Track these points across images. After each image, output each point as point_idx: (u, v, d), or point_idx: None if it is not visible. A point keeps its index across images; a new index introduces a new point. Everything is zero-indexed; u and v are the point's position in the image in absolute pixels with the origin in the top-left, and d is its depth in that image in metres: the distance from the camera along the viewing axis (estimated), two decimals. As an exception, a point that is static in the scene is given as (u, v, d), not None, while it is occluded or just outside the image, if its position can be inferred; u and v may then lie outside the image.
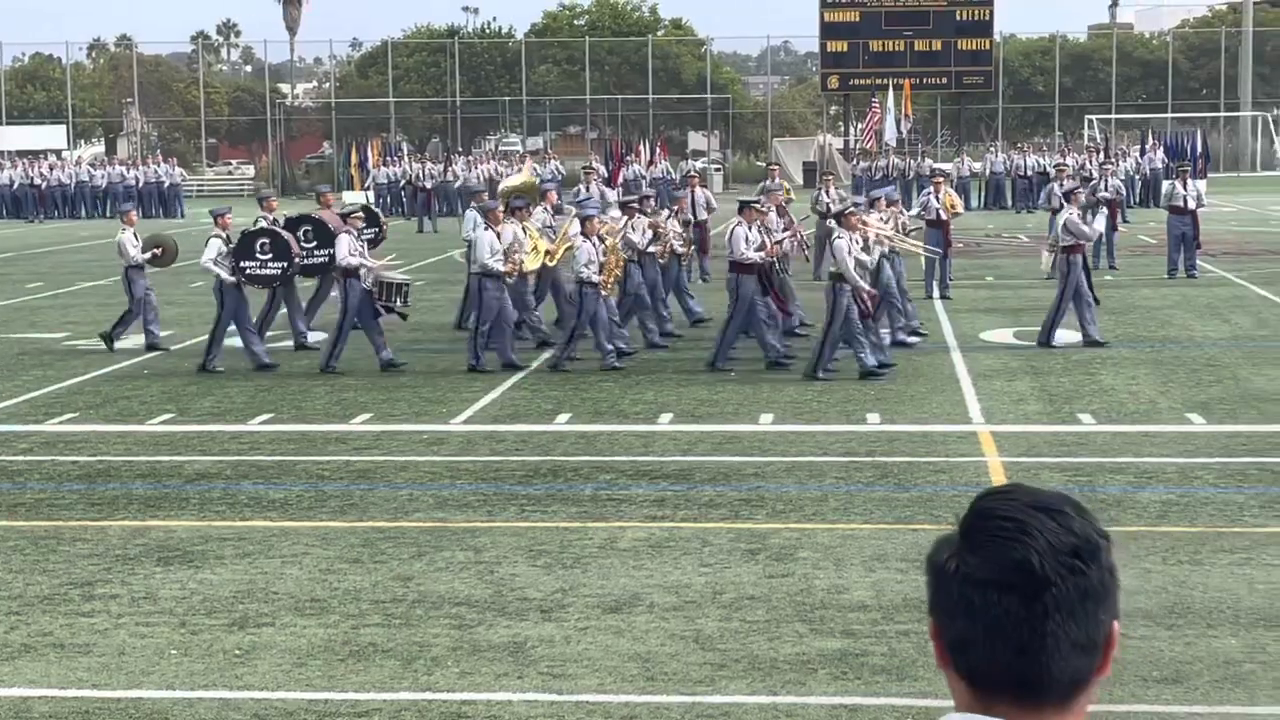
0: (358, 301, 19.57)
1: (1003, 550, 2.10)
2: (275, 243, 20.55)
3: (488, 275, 19.44)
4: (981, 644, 2.11)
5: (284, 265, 20.54)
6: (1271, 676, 8.47)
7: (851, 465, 13.99)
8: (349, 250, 19.66)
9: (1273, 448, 14.37)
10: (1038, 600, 2.09)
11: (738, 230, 19.36)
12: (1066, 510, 2.13)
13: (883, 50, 68.10)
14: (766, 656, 8.97)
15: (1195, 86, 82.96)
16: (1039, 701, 2.11)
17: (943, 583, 2.15)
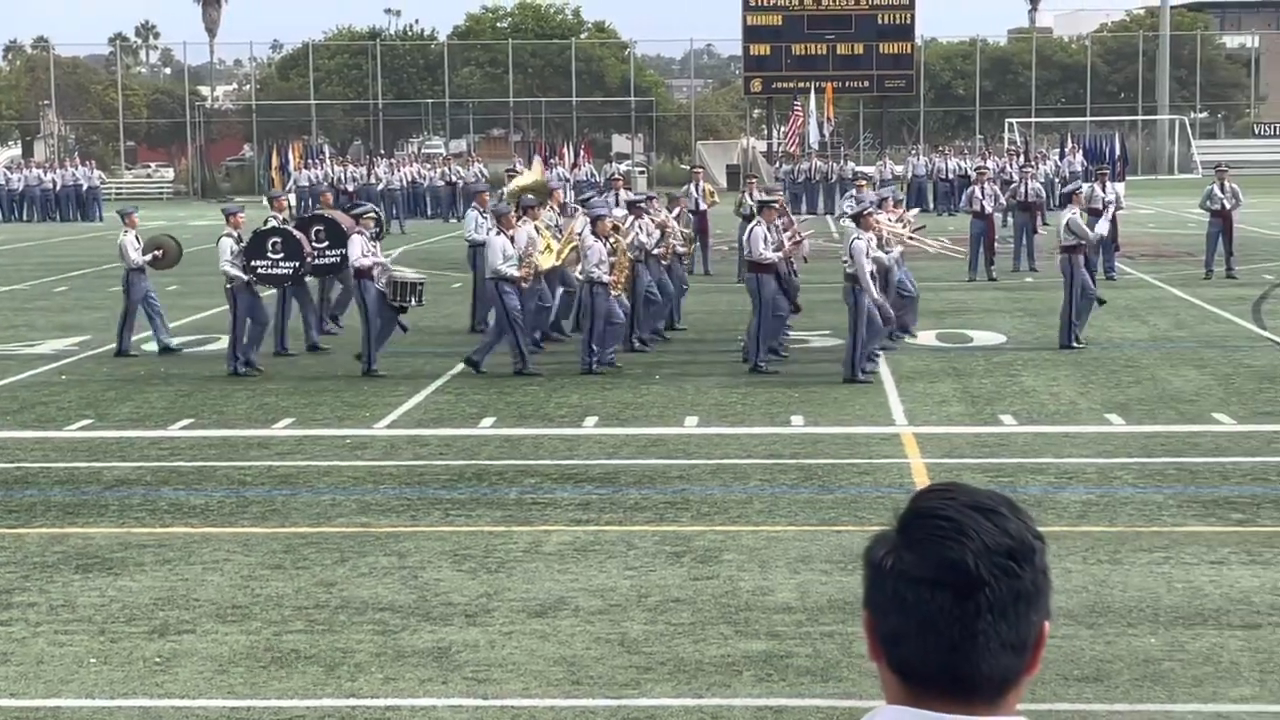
0: (376, 302, 19.41)
1: (939, 549, 2.13)
2: (287, 242, 20.32)
3: (503, 279, 19.30)
4: (914, 640, 2.14)
5: (296, 265, 20.33)
6: (1190, 675, 8.56)
7: (776, 468, 14.03)
8: (362, 251, 19.52)
9: (1190, 447, 14.53)
10: (971, 599, 2.11)
11: (757, 230, 19.26)
12: (1003, 511, 2.15)
13: (805, 54, 68.40)
14: (692, 659, 8.98)
15: (1113, 90, 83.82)
16: (969, 698, 2.13)
17: (878, 578, 2.18)
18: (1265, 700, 8.18)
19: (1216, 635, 9.19)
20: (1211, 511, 12.15)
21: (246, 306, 19.77)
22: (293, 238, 20.39)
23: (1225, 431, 15.26)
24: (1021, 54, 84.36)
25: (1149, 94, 78.98)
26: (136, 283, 21.44)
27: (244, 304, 19.76)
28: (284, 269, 20.26)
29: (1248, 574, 10.42)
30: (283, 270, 20.27)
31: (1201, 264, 29.31)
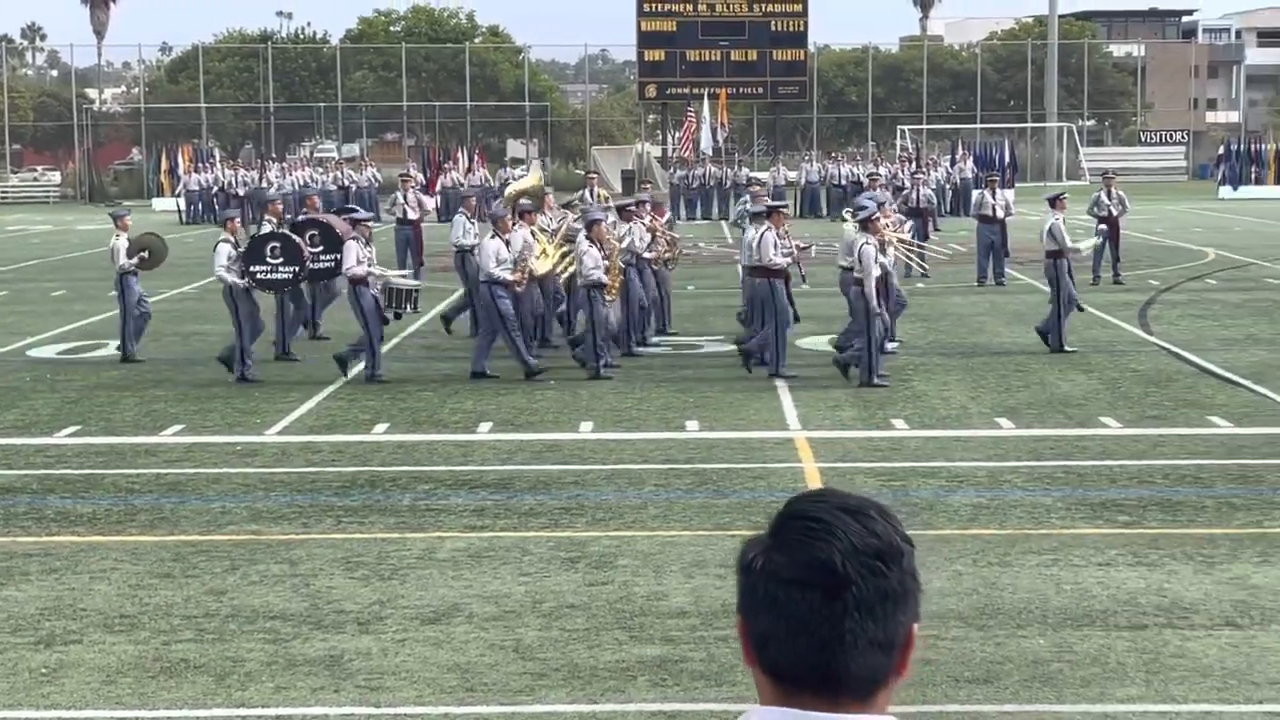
0: (372, 307, 19.25)
1: (808, 549, 2.16)
2: (286, 247, 20.04)
3: (497, 283, 19.18)
4: (784, 639, 2.17)
5: (295, 269, 20.07)
6: (1079, 675, 8.66)
7: (671, 472, 14.05)
8: (357, 258, 19.33)
9: (1079, 451, 14.72)
10: (838, 598, 2.15)
11: (767, 235, 19.12)
12: (871, 514, 2.20)
13: (699, 60, 68.58)
14: (586, 664, 8.96)
15: (1003, 98, 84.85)
16: (837, 696, 2.17)
17: (750, 580, 2.22)
18: (1151, 700, 8.29)
19: (1104, 636, 9.31)
20: (1099, 514, 12.31)
21: (247, 313, 19.55)
22: (292, 242, 20.14)
23: (1112, 435, 15.48)
24: (913, 61, 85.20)
25: (1038, 101, 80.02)
26: (130, 286, 21.16)
27: (244, 310, 19.54)
28: (283, 274, 20.02)
29: (1134, 575, 10.57)
30: (282, 275, 20.03)
31: (1089, 270, 29.70)
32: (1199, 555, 11.03)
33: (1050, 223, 21.09)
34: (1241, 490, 13.06)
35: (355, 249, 19.37)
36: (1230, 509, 12.42)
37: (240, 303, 19.52)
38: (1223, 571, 10.64)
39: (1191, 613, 9.74)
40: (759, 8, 69.07)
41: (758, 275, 19.26)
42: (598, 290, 19.18)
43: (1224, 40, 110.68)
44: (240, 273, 19.58)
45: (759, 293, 19.30)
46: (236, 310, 19.49)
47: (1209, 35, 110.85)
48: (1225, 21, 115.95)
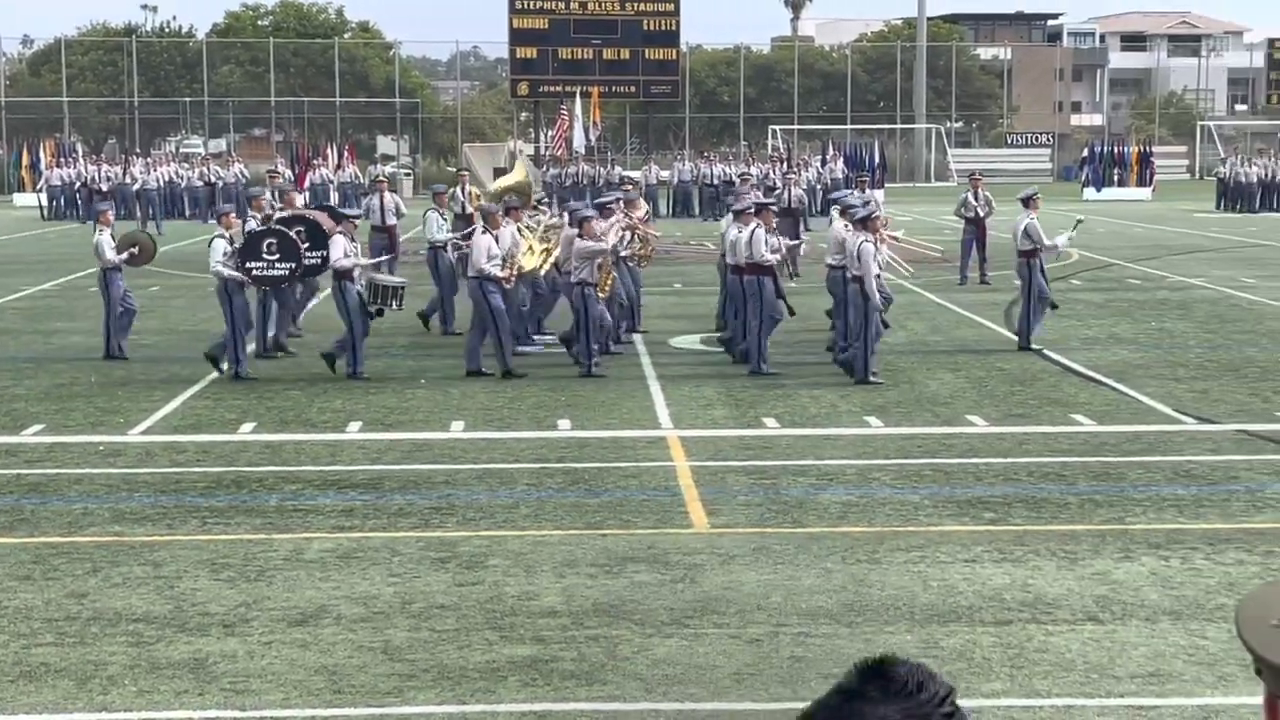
0: (356, 303, 19.10)
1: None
2: (283, 243, 19.71)
3: (487, 279, 19.03)
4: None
5: (292, 265, 19.73)
6: (945, 670, 8.72)
7: (543, 471, 14.01)
8: (344, 252, 19.12)
9: (946, 449, 14.89)
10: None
11: (758, 233, 19.11)
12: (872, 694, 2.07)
13: (572, 58, 68.57)
14: (456, 665, 8.91)
15: (873, 99, 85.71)
16: None
17: None
18: (1015, 694, 8.40)
19: (969, 632, 9.42)
20: (965, 511, 12.46)
21: (241, 309, 19.31)
22: (289, 238, 19.82)
23: (978, 433, 15.67)
24: (784, 62, 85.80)
25: (907, 103, 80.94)
26: (114, 281, 20.82)
27: (239, 306, 19.28)
28: (280, 270, 19.72)
29: (999, 572, 10.70)
30: (279, 271, 19.73)
31: (956, 270, 30.07)
32: (1062, 551, 11.20)
33: (1025, 222, 21.27)
34: (1103, 487, 13.28)
35: (343, 243, 19.32)
36: (1093, 506, 12.62)
37: (235, 299, 19.32)
38: (1085, 567, 10.80)
39: (1055, 608, 9.88)
40: (631, 6, 69.20)
41: (747, 272, 19.31)
42: (591, 288, 19.17)
43: (1088, 44, 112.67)
44: (236, 269, 19.36)
45: (747, 289, 19.33)
46: (231, 306, 19.28)
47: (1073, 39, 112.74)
48: (1089, 25, 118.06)
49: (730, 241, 19.80)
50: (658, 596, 10.16)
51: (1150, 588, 10.31)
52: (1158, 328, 23.39)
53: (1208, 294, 26.54)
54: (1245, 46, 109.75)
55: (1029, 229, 21.18)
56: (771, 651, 9.07)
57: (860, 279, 18.39)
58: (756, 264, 19.10)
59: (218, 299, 19.66)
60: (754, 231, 19.11)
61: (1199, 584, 10.39)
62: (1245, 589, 9.92)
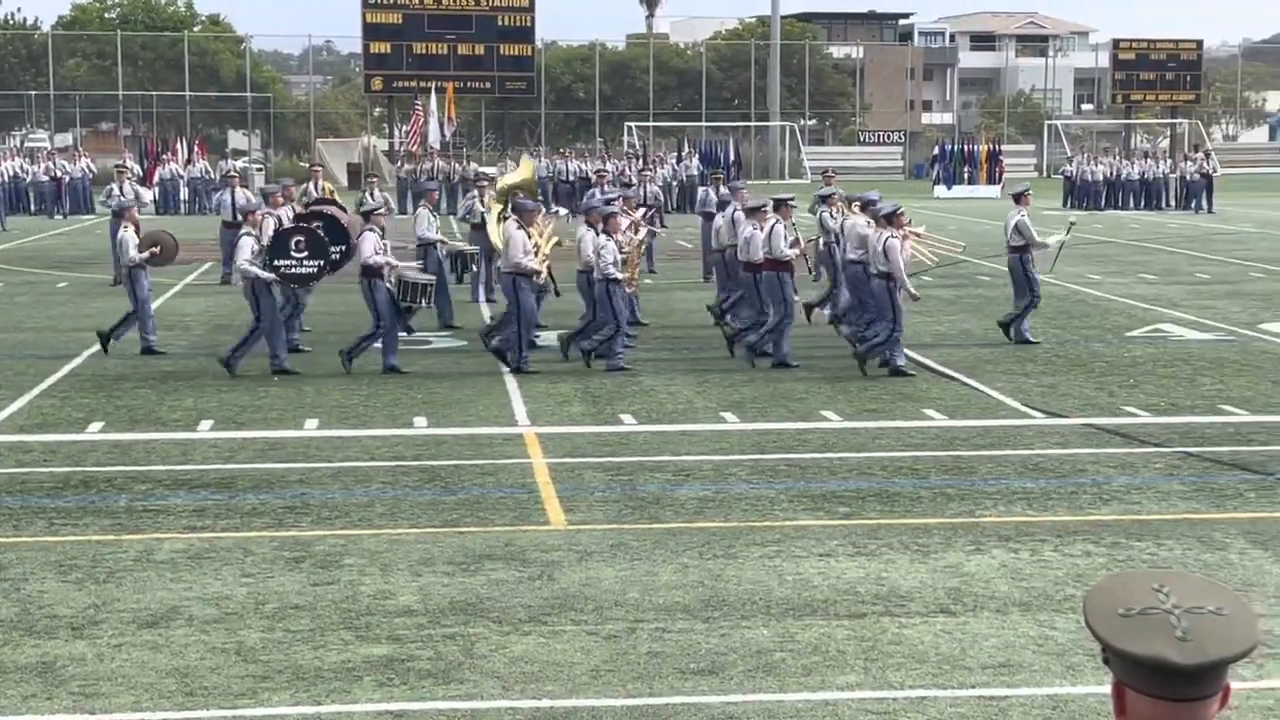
0: (386, 299, 18.99)
1: None
2: (311, 240, 19.42)
3: (521, 274, 18.97)
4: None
5: (321, 263, 19.48)
6: (800, 664, 8.82)
7: (399, 469, 13.91)
8: (374, 249, 18.87)
9: (801, 444, 15.01)
10: None
11: (778, 229, 19.37)
12: None
13: (426, 53, 68.21)
14: (311, 666, 8.81)
15: (728, 96, 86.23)
16: None
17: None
18: (869, 687, 8.49)
19: (824, 625, 9.51)
20: (820, 505, 12.57)
21: (269, 309, 19.04)
22: (317, 235, 19.57)
23: (832, 428, 15.82)
24: (639, 59, 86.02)
25: (761, 101, 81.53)
26: (140, 280, 20.46)
27: (266, 307, 19.00)
28: (309, 268, 19.46)
29: (853, 565, 10.81)
30: (307, 269, 19.46)
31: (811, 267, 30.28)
32: (915, 545, 11.35)
33: (1016, 218, 21.47)
34: (955, 481, 13.47)
35: (372, 239, 19.10)
36: (944, 499, 12.80)
37: (263, 299, 19.06)
38: (937, 560, 10.95)
39: (908, 600, 10.00)
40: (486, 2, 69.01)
41: (766, 268, 19.51)
42: (615, 284, 19.21)
43: (938, 44, 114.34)
44: (264, 266, 19.09)
45: (766, 284, 19.52)
46: (258, 305, 19.04)
47: (924, 39, 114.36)
48: (939, 25, 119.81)
49: (745, 238, 20.01)
50: (515, 594, 10.14)
51: (1000, 580, 10.47)
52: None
53: (1055, 290, 27.01)
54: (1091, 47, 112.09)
55: (1019, 225, 21.47)
56: (629, 647, 9.08)
57: (887, 274, 18.72)
58: (775, 259, 19.44)
59: (245, 298, 19.52)
60: (773, 227, 19.47)
61: (1048, 575, 10.58)
62: (1092, 580, 10.13)
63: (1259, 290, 28.32)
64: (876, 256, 18.94)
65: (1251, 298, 27.07)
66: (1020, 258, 21.46)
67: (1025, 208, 21.73)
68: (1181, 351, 20.79)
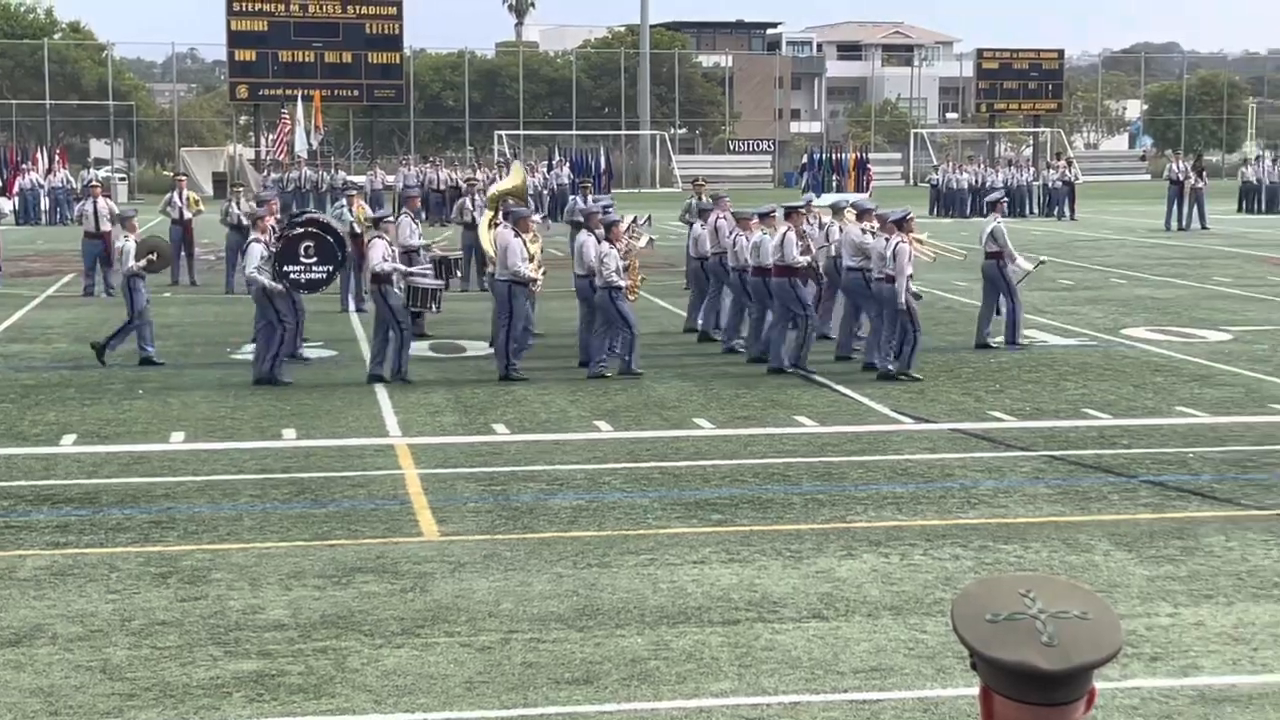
0: (399, 306, 19.03)
1: None
2: (320, 246, 19.17)
3: (517, 282, 19.06)
4: None
5: (329, 269, 19.31)
6: (675, 672, 8.84)
7: (268, 482, 13.75)
8: (383, 256, 18.74)
9: (674, 452, 15.05)
10: None
11: (789, 236, 19.56)
12: None
13: (293, 61, 67.60)
14: (179, 683, 8.67)
15: (598, 105, 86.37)
16: None
17: None
18: (743, 693, 8.52)
19: (699, 632, 9.53)
20: (693, 513, 12.61)
21: (286, 311, 18.86)
22: (326, 241, 19.35)
23: (705, 436, 15.88)
24: (509, 67, 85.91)
25: (632, 109, 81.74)
26: (139, 288, 20.21)
27: (282, 308, 18.80)
28: (318, 274, 19.27)
29: (727, 572, 10.85)
30: (316, 275, 19.27)
31: (681, 274, 30.42)
32: (787, 551, 11.41)
33: (991, 226, 21.85)
34: (826, 487, 13.57)
35: (381, 247, 19.02)
36: (816, 505, 12.89)
37: (276, 302, 18.86)
38: (809, 566, 11.02)
39: (781, 606, 10.05)
40: (353, 9, 68.55)
41: (776, 274, 19.66)
42: (618, 290, 19.25)
43: (806, 53, 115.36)
44: (273, 274, 18.88)
45: (777, 290, 19.68)
46: (275, 310, 18.84)
47: (792, 48, 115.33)
48: (807, 35, 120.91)
49: (754, 243, 20.21)
50: (387, 606, 10.05)
51: (872, 584, 10.56)
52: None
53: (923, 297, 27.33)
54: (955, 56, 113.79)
55: (995, 232, 21.85)
56: (503, 658, 9.04)
57: (892, 278, 18.97)
58: (787, 266, 19.61)
59: (255, 304, 19.35)
60: (785, 235, 19.67)
61: (918, 579, 10.69)
62: (961, 583, 10.25)
63: (1120, 296, 28.87)
64: (885, 261, 19.24)
65: (1112, 303, 27.59)
66: (997, 264, 21.94)
67: (1000, 215, 22.31)
68: (1046, 357, 21.13)
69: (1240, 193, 58.07)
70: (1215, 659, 9.06)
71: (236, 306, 26.25)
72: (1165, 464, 14.45)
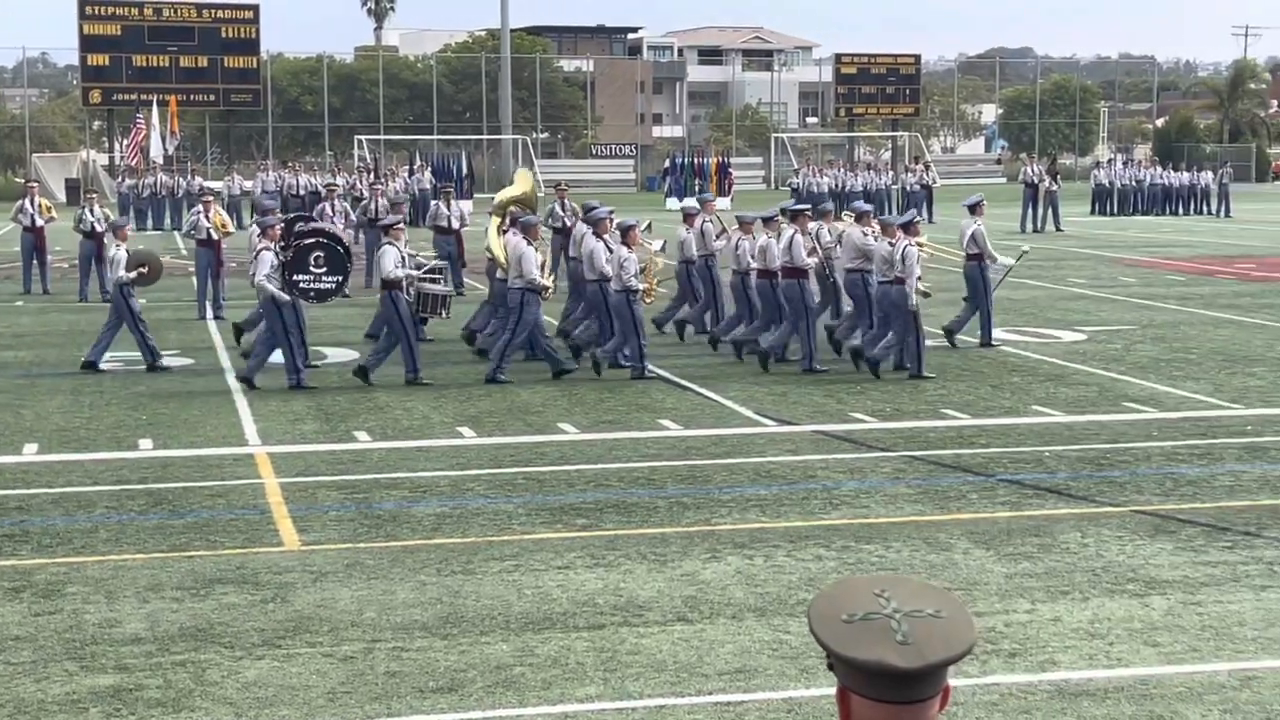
0: (408, 312, 19.26)
1: None
2: (330, 256, 19.03)
3: (531, 290, 19.25)
4: None
5: (339, 278, 19.23)
6: (540, 678, 8.81)
7: (124, 494, 13.51)
8: (395, 263, 18.72)
9: (538, 457, 15.02)
10: None
11: (797, 238, 20.00)
12: None
13: (147, 65, 66.63)
14: (34, 699, 8.49)
15: (459, 109, 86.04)
16: None
17: None
18: (609, 698, 8.52)
19: (564, 638, 9.51)
20: (558, 518, 12.59)
21: (294, 322, 18.67)
22: (336, 250, 19.25)
23: (570, 440, 15.86)
24: (369, 71, 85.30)
25: (493, 114, 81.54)
26: (130, 296, 20.01)
27: (290, 318, 18.62)
28: (327, 283, 19.21)
29: (592, 577, 10.85)
30: (326, 284, 19.22)
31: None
32: (652, 554, 11.43)
33: (972, 228, 22.12)
34: (691, 490, 13.62)
35: (393, 253, 18.94)
36: (681, 508, 12.93)
37: (285, 312, 18.64)
38: (674, 569, 11.05)
39: (646, 610, 10.06)
40: (209, 13, 67.74)
41: (785, 276, 20.06)
42: (634, 294, 19.45)
43: (667, 58, 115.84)
44: (282, 283, 18.69)
45: (787, 292, 20.06)
46: (282, 319, 18.63)
47: (653, 53, 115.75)
48: (667, 40, 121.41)
49: (760, 247, 20.55)
50: (248, 617, 9.92)
51: (736, 586, 10.61)
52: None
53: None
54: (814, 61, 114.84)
55: (975, 235, 22.16)
56: (366, 668, 8.96)
57: (902, 280, 19.26)
58: (796, 267, 19.89)
59: (264, 312, 19.17)
60: (793, 237, 20.01)
61: (781, 580, 10.76)
62: (824, 583, 10.33)
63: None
64: (892, 265, 19.51)
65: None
66: (979, 266, 22.25)
67: (980, 218, 22.61)
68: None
69: (1093, 195, 59.23)
70: (1072, 654, 9.21)
71: (90, 314, 25.79)
72: (1022, 463, 14.68)
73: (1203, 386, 18.91)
